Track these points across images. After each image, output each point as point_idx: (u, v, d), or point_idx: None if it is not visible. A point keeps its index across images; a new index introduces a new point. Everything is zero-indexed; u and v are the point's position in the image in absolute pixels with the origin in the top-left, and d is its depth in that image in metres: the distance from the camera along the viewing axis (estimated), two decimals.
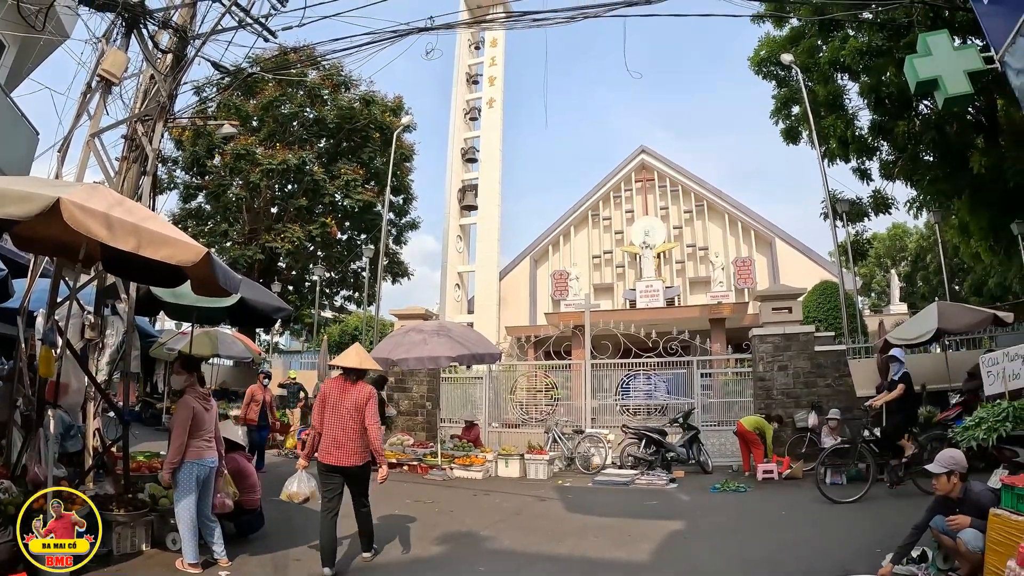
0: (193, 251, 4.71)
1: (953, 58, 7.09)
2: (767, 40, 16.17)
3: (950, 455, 5.48)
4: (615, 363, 16.82)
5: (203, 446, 6.06)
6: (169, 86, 7.81)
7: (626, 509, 9.59)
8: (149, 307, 9.14)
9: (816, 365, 13.60)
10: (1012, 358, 8.48)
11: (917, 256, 42.27)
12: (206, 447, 6.09)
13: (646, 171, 34.64)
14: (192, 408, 6.04)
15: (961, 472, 5.34)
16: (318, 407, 6.30)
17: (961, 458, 5.47)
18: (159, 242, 4.58)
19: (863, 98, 14.09)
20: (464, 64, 37.22)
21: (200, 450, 6.02)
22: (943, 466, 5.36)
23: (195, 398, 6.16)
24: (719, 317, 26.72)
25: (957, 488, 5.30)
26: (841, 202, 17.46)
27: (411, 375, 15.67)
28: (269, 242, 25.83)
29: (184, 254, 4.67)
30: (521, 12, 10.21)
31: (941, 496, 5.41)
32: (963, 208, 15.26)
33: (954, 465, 5.35)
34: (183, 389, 6.27)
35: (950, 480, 5.31)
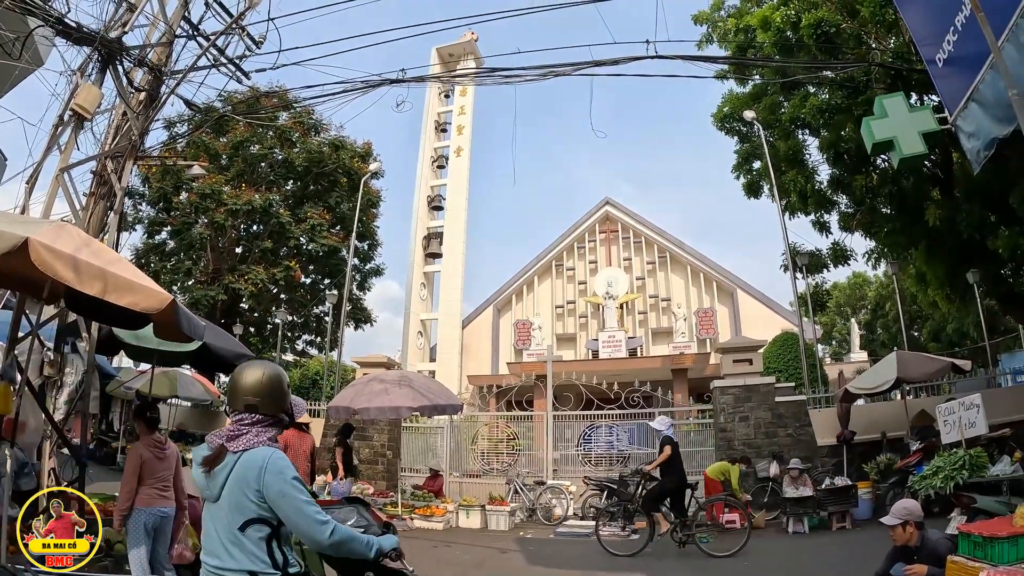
0: (157, 299, 4.66)
1: (908, 120, 7.38)
2: (730, 97, 16.58)
3: (903, 506, 5.54)
4: (577, 414, 16.82)
5: (154, 494, 5.87)
6: (142, 124, 7.81)
7: (588, 561, 9.53)
8: (109, 346, 8.97)
9: (777, 415, 13.76)
10: (967, 407, 8.67)
11: (877, 304, 43.08)
12: (158, 495, 5.90)
13: (610, 222, 35.04)
14: (140, 455, 5.89)
15: (916, 521, 5.41)
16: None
17: (915, 508, 5.55)
18: (124, 288, 4.53)
19: (823, 153, 14.46)
20: (433, 112, 37.58)
21: (151, 498, 5.85)
22: (898, 517, 5.43)
23: (146, 445, 6.00)
24: (681, 367, 26.86)
25: (914, 537, 5.37)
26: (801, 254, 17.81)
27: (372, 424, 15.53)
28: (232, 283, 25.54)
29: (148, 301, 4.61)
30: (491, 69, 10.42)
31: (900, 545, 5.47)
32: (920, 258, 15.65)
33: (908, 515, 5.41)
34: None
35: (906, 530, 5.38)
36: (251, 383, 2.82)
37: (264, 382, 2.83)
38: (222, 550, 2.61)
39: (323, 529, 2.58)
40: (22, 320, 6.30)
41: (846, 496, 11.55)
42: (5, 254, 4.10)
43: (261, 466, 2.60)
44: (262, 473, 2.58)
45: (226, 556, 2.59)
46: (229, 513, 2.62)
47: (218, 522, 2.65)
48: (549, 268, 35.44)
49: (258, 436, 2.73)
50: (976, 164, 6.33)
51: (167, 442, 6.27)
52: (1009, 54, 5.39)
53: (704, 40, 15.66)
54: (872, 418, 13.52)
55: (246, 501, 2.59)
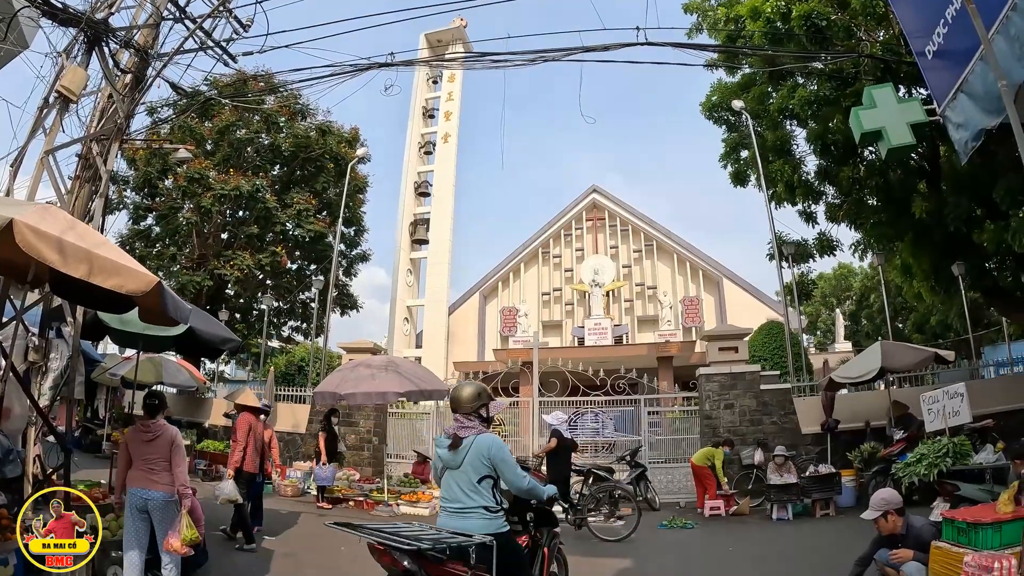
0: (143, 280, 4.61)
1: (897, 111, 7.41)
2: (719, 86, 16.56)
3: (880, 497, 5.58)
4: (563, 401, 16.84)
5: (138, 475, 5.91)
6: (127, 106, 7.72)
7: (573, 547, 9.54)
8: (95, 331, 8.89)
9: (762, 403, 13.85)
10: (952, 396, 8.76)
11: (862, 295, 43.32)
12: (143, 476, 5.89)
13: (597, 210, 35.07)
14: (124, 438, 6.18)
15: (896, 509, 5.47)
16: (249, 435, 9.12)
17: (893, 496, 5.60)
18: (109, 270, 4.47)
19: (810, 144, 14.47)
20: (421, 98, 37.43)
21: (134, 479, 5.92)
22: (877, 509, 5.47)
23: (135, 429, 6.10)
24: (667, 355, 27.00)
25: (899, 525, 5.42)
26: (787, 244, 17.88)
27: (358, 410, 15.48)
28: (218, 268, 25.34)
29: (133, 283, 4.56)
30: (481, 53, 10.36)
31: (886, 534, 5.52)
32: (906, 250, 15.71)
33: (887, 505, 5.45)
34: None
35: (888, 519, 5.43)
36: (470, 396, 4.55)
37: (477, 395, 4.58)
38: (464, 496, 4.34)
39: (523, 481, 4.50)
40: (6, 305, 6.23)
41: (830, 484, 11.65)
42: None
43: (490, 444, 4.38)
44: (491, 448, 4.36)
45: (467, 499, 4.32)
46: (470, 473, 4.34)
47: (460, 480, 4.37)
48: (536, 255, 35.46)
49: (479, 427, 4.49)
50: (964, 155, 6.38)
51: (162, 428, 6.09)
52: (999, 46, 5.43)
53: (694, 29, 15.62)
54: (856, 407, 13.62)
55: (480, 465, 4.33)
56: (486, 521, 4.29)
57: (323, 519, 6.30)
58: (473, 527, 4.22)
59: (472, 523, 4.26)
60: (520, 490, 4.52)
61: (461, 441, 4.39)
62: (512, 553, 4.45)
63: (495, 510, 4.35)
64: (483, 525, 4.26)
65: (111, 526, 6.38)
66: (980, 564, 4.42)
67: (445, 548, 3.97)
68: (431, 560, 3.94)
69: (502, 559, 4.16)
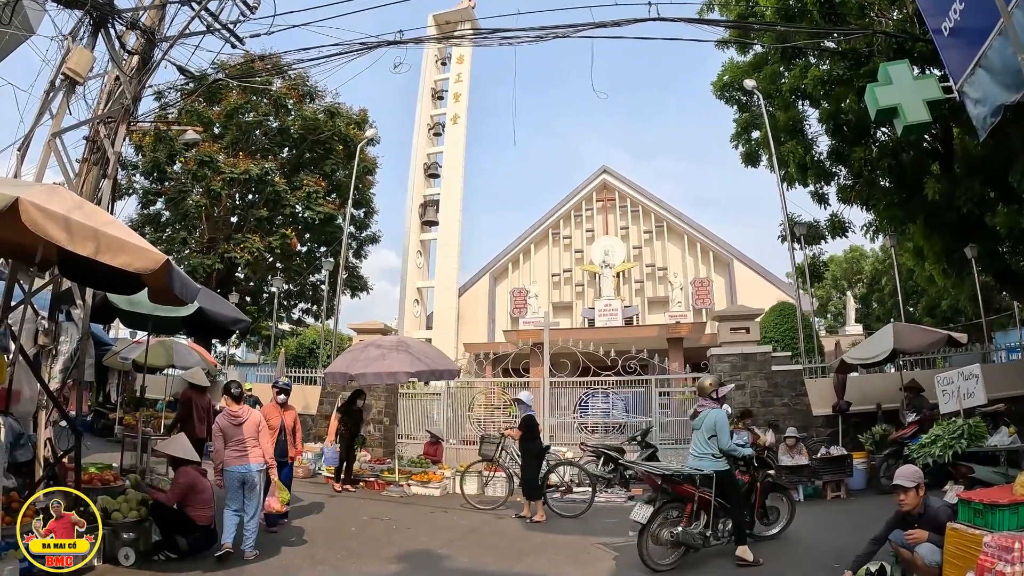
0: (151, 259, 4.58)
1: (913, 87, 7.28)
2: (730, 65, 16.39)
3: (912, 470, 5.58)
4: (574, 381, 16.82)
5: (233, 455, 7.12)
6: (134, 88, 7.68)
7: (584, 527, 9.55)
8: (104, 314, 8.88)
9: (773, 384, 13.77)
10: (967, 377, 8.68)
11: (873, 279, 43.04)
12: (237, 455, 7.13)
13: (607, 191, 34.95)
14: (218, 425, 7.29)
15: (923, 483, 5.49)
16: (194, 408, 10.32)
17: (919, 471, 5.60)
18: (117, 248, 4.45)
19: (822, 124, 14.32)
20: (430, 79, 37.28)
21: (231, 459, 7.12)
22: (911, 480, 5.45)
23: (223, 416, 7.34)
24: (677, 337, 26.93)
25: (920, 502, 5.40)
26: (799, 225, 17.76)
27: (369, 390, 15.48)
28: (228, 252, 25.41)
29: (141, 261, 4.54)
30: (490, 29, 10.26)
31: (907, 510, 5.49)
32: (918, 232, 15.57)
33: (919, 479, 5.48)
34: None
35: (918, 493, 5.41)
36: (706, 385, 7.58)
37: (709, 384, 7.59)
38: (700, 447, 7.28)
39: (727, 444, 7.17)
40: (15, 288, 6.22)
41: (841, 466, 11.59)
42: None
43: (716, 416, 7.28)
44: (715, 420, 7.24)
45: (702, 450, 7.22)
46: (704, 433, 7.26)
47: (698, 437, 7.33)
48: (546, 236, 35.42)
49: (711, 404, 7.46)
50: (982, 131, 6.26)
51: (248, 411, 7.47)
52: (1019, 20, 5.32)
53: (705, 8, 15.44)
54: (867, 389, 13.54)
55: (709, 428, 7.21)
56: (712, 462, 7.15)
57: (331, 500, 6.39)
58: (704, 466, 7.15)
59: (704, 463, 7.17)
60: (724, 449, 7.16)
61: (698, 414, 7.52)
62: (731, 484, 7.24)
63: (719, 456, 7.16)
64: (710, 464, 7.15)
65: (122, 508, 6.43)
66: (1000, 545, 4.38)
67: (682, 475, 7.12)
68: (674, 481, 7.05)
69: (721, 486, 7.10)
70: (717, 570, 7.00)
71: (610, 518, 10.11)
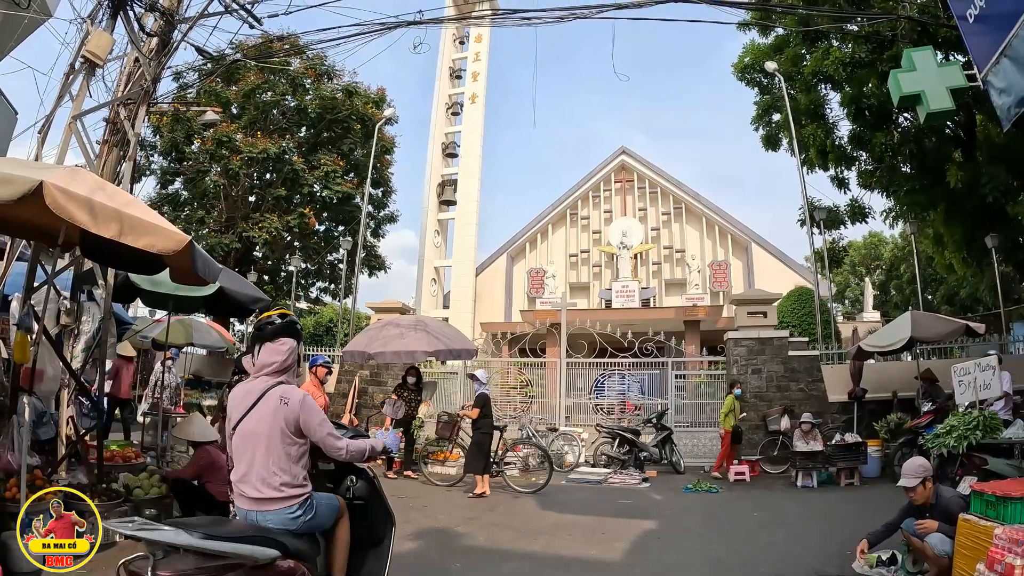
0: (174, 239, 4.61)
1: (936, 74, 7.19)
2: (752, 47, 16.26)
3: (917, 463, 5.56)
4: (590, 362, 16.85)
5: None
6: (154, 70, 7.72)
7: (599, 507, 9.63)
8: (126, 293, 8.96)
9: (789, 369, 13.75)
10: (983, 368, 8.62)
11: (892, 265, 42.67)
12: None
13: (625, 172, 34.79)
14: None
15: (931, 476, 5.49)
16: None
17: (926, 463, 5.59)
18: (140, 229, 4.46)
19: (844, 108, 14.19)
20: (448, 59, 37.14)
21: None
22: (915, 476, 5.45)
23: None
24: (694, 319, 26.86)
25: (930, 493, 5.41)
26: (819, 209, 17.64)
27: (386, 369, 15.58)
28: (246, 231, 25.52)
29: (165, 242, 4.56)
30: (511, 10, 10.21)
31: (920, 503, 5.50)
32: (938, 220, 15.44)
33: (925, 472, 5.45)
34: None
35: (926, 487, 5.41)
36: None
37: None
38: None
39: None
40: (37, 269, 6.30)
41: (855, 453, 11.58)
42: (20, 198, 4.07)
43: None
44: None
45: None
46: None
47: None
48: (564, 217, 35.35)
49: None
50: (1006, 121, 6.17)
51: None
52: None
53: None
54: (884, 377, 13.47)
55: None
56: None
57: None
58: None
59: None
60: None
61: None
62: None
63: None
64: None
65: (143, 484, 6.53)
66: (1011, 538, 4.37)
67: None
68: None
69: None
70: None
71: (625, 499, 10.19)
